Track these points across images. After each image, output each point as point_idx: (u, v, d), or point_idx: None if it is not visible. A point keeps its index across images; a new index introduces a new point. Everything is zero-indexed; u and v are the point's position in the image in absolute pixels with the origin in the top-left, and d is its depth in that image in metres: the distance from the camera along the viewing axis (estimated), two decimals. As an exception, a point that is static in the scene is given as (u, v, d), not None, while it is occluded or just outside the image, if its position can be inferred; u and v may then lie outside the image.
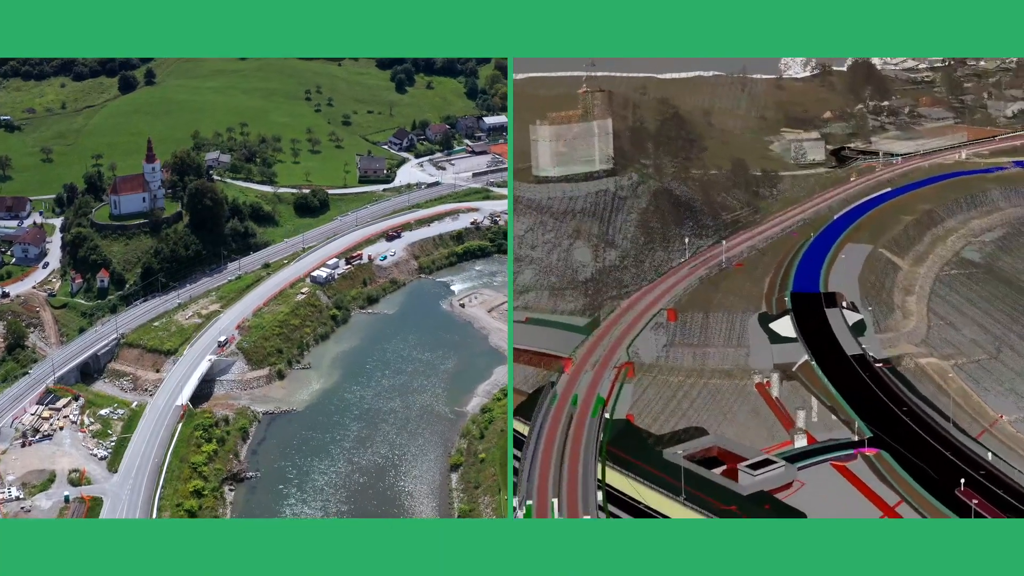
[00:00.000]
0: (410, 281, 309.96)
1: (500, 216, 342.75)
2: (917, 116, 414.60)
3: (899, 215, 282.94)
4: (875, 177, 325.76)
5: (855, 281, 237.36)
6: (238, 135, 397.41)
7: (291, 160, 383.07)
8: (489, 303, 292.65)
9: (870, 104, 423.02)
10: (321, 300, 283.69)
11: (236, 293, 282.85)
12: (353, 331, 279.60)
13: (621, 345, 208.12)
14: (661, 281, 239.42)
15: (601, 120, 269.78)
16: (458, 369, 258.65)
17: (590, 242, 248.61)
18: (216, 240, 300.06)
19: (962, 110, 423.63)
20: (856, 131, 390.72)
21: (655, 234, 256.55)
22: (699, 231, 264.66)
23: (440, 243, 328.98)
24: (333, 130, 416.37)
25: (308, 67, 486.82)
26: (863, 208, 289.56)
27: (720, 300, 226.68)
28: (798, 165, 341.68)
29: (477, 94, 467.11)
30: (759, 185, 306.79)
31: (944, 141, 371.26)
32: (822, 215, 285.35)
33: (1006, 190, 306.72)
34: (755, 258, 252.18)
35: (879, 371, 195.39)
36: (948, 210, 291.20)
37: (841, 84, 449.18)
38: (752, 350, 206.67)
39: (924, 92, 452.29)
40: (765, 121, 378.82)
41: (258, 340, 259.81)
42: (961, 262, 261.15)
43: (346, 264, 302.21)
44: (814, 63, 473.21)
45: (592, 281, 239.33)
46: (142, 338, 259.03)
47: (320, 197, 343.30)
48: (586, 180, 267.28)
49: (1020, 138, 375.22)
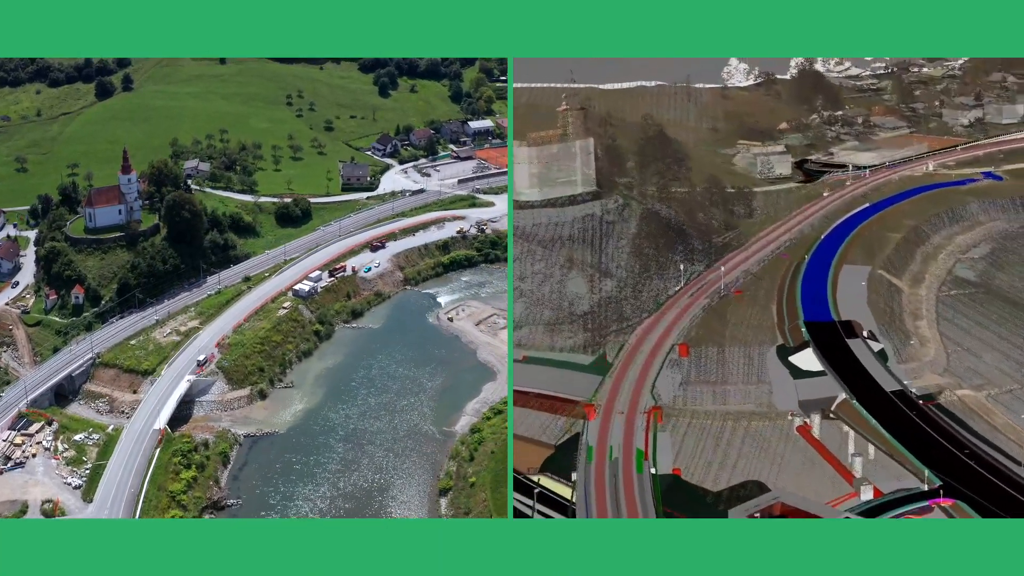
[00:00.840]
0: (395, 293, 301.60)
1: (487, 224, 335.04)
2: (871, 126, 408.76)
3: (885, 232, 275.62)
4: (848, 192, 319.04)
5: (865, 306, 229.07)
6: (217, 142, 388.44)
7: (272, 168, 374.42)
8: (477, 315, 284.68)
9: (824, 114, 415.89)
10: (304, 315, 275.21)
11: (216, 308, 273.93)
12: (337, 347, 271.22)
13: (643, 387, 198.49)
14: (663, 313, 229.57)
15: (583, 140, 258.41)
16: (446, 386, 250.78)
17: (584, 272, 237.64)
18: (195, 253, 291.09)
19: (915, 119, 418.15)
20: (814, 142, 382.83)
21: (650, 261, 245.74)
22: (689, 255, 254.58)
23: (426, 253, 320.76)
24: (315, 136, 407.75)
25: (289, 71, 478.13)
26: (848, 226, 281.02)
27: (732, 332, 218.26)
28: (766, 180, 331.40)
29: (461, 98, 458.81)
30: (734, 203, 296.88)
31: (906, 152, 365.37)
32: (807, 234, 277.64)
33: (983, 203, 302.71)
34: (752, 283, 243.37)
35: (924, 408, 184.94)
36: (932, 226, 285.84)
37: (787, 93, 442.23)
38: (775, 386, 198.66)
39: (875, 101, 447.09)
40: (718, 133, 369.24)
41: (238, 358, 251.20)
42: (957, 281, 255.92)
43: (329, 276, 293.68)
44: (757, 71, 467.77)
45: (590, 314, 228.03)
46: (118, 357, 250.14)
47: (302, 206, 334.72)
48: (571, 204, 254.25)
49: (982, 147, 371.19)
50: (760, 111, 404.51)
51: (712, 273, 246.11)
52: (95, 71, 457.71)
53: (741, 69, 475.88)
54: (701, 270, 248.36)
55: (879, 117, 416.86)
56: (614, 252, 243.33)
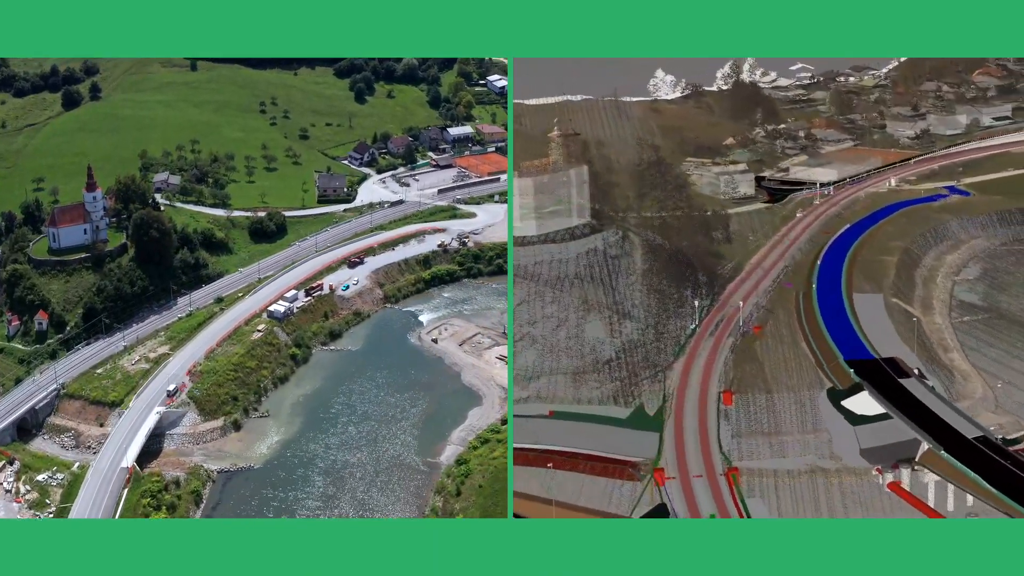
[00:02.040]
0: (375, 312, 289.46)
1: (468, 237, 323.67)
2: (814, 139, 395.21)
3: (880, 256, 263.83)
4: (822, 211, 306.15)
5: (897, 339, 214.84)
6: (188, 153, 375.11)
7: (245, 179, 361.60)
8: (460, 335, 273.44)
9: (767, 128, 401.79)
10: (279, 338, 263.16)
11: (187, 333, 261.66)
12: (315, 371, 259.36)
13: (710, 444, 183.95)
14: (692, 356, 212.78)
15: (577, 167, 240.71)
16: (429, 412, 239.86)
17: (602, 314, 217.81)
18: (164, 274, 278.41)
19: (857, 131, 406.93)
20: (763, 158, 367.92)
21: (667, 298, 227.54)
22: (697, 289, 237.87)
23: (406, 268, 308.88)
24: (290, 145, 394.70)
25: (262, 77, 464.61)
26: (838, 249, 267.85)
27: (772, 375, 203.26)
28: (731, 200, 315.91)
29: (440, 103, 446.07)
30: (712, 227, 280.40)
31: (860, 167, 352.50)
32: (799, 259, 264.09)
33: (961, 220, 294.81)
34: (765, 317, 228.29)
35: (1016, 455, 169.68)
36: (920, 246, 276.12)
37: (720, 106, 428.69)
38: (834, 434, 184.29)
39: (810, 113, 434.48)
40: (660, 151, 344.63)
41: (211, 387, 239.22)
42: (964, 306, 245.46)
43: (306, 296, 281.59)
44: (684, 83, 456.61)
45: (615, 361, 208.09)
46: (84, 388, 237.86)
47: (277, 221, 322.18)
48: (572, 239, 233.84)
49: (935, 160, 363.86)
50: (698, 125, 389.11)
51: (723, 308, 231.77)
52: (62, 80, 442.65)
53: (668, 81, 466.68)
54: (709, 304, 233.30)
55: (820, 130, 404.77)
56: (626, 290, 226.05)
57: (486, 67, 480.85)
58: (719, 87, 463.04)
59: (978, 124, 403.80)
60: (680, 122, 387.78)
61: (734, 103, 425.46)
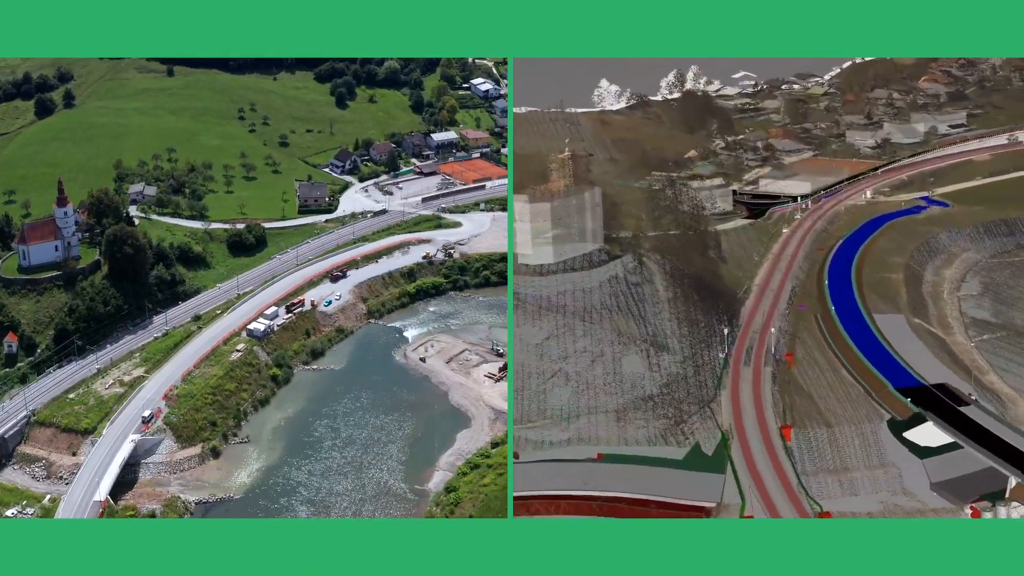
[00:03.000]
0: (358, 328, 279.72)
1: (454, 248, 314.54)
2: (773, 150, 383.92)
3: (882, 272, 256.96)
4: (808, 226, 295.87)
5: (937, 363, 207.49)
6: (165, 162, 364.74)
7: (224, 189, 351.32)
8: (447, 352, 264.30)
9: (727, 139, 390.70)
10: (259, 357, 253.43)
11: (163, 353, 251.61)
12: (296, 392, 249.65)
13: (792, 488, 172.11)
14: (735, 388, 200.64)
15: (589, 190, 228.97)
16: (416, 436, 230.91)
17: (638, 347, 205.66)
18: (139, 291, 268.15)
19: (815, 141, 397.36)
20: (727, 171, 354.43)
21: (697, 327, 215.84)
22: (720, 315, 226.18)
23: (390, 282, 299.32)
24: (269, 153, 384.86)
25: (240, 82, 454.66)
26: (840, 267, 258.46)
27: (824, 407, 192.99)
28: (714, 216, 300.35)
29: (423, 108, 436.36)
30: (708, 246, 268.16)
31: (828, 178, 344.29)
32: (803, 279, 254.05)
33: (950, 233, 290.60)
34: (793, 343, 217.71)
35: None
36: (918, 262, 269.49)
37: (669, 117, 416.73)
38: (903, 469, 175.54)
39: (766, 123, 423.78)
40: (619, 164, 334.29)
41: (188, 412, 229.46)
42: (978, 324, 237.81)
43: (286, 313, 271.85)
44: (628, 93, 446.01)
45: (659, 398, 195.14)
46: (56, 415, 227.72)
47: (256, 233, 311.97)
48: (592, 267, 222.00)
49: (903, 170, 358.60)
50: (653, 138, 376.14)
51: (747, 334, 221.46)
52: (35, 87, 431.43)
53: (612, 91, 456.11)
54: (732, 331, 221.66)
55: (777, 140, 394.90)
56: (656, 320, 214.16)
57: (469, 70, 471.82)
58: (664, 96, 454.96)
59: (935, 132, 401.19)
60: (633, 134, 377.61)
61: (686, 114, 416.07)
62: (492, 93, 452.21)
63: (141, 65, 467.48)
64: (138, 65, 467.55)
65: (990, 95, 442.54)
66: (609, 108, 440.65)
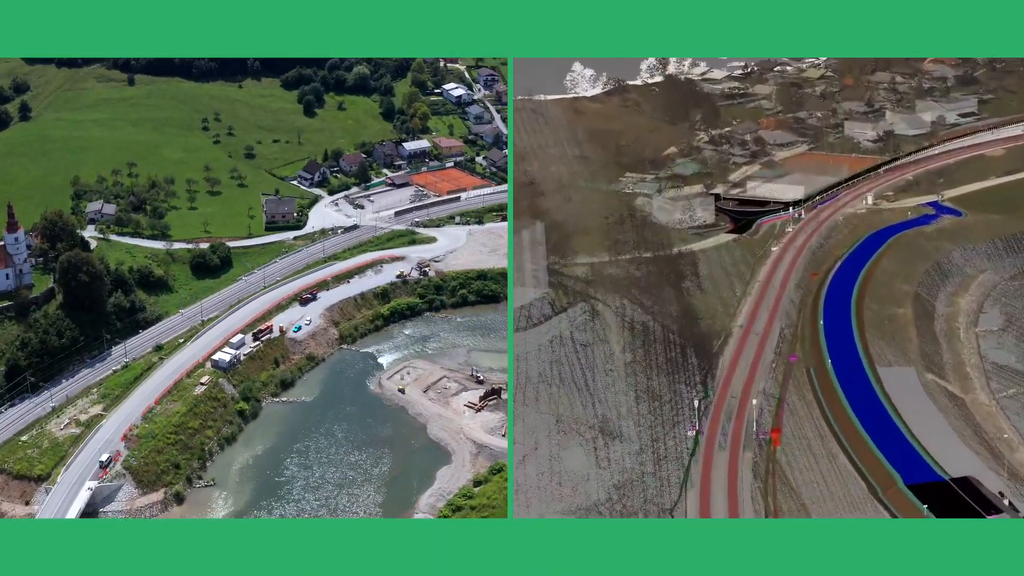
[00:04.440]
0: (330, 355, 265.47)
1: (428, 265, 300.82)
2: (764, 144, 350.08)
3: (889, 308, 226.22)
4: (800, 242, 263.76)
5: (957, 441, 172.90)
6: (125, 178, 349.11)
7: (187, 206, 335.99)
8: (424, 379, 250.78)
9: (711, 132, 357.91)
10: (225, 391, 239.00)
11: (122, 388, 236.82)
12: (265, 427, 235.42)
13: None
14: (706, 487, 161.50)
15: (528, 224, 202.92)
16: (394, 474, 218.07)
17: (583, 437, 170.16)
18: (96, 321, 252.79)
19: (809, 132, 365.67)
20: (711, 170, 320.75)
21: (660, 401, 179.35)
22: (690, 378, 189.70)
23: (363, 303, 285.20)
24: (235, 165, 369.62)
25: (204, 91, 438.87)
26: (838, 300, 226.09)
27: (821, 514, 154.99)
28: (691, 230, 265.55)
29: (394, 115, 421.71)
30: (682, 272, 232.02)
31: (825, 178, 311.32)
32: (793, 316, 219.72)
33: (963, 249, 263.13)
34: (778, 413, 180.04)
35: None
36: (929, 289, 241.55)
37: (649, 104, 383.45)
38: None
39: (757, 112, 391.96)
40: (589, 163, 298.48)
41: (149, 454, 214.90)
42: (1002, 373, 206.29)
43: (254, 340, 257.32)
44: (605, 78, 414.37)
45: (609, 505, 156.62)
46: (7, 460, 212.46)
47: (221, 253, 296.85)
48: (530, 326, 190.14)
49: (908, 168, 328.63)
50: (630, 130, 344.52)
51: (724, 399, 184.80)
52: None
53: (587, 76, 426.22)
54: (706, 399, 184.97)
55: (769, 131, 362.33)
56: (607, 394, 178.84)
57: (441, 75, 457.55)
58: (644, 81, 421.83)
59: (943, 122, 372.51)
60: (608, 124, 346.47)
61: (668, 102, 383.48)
62: (465, 98, 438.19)
63: (100, 74, 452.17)
64: (97, 74, 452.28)
65: (1002, 78, 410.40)
66: (583, 94, 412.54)
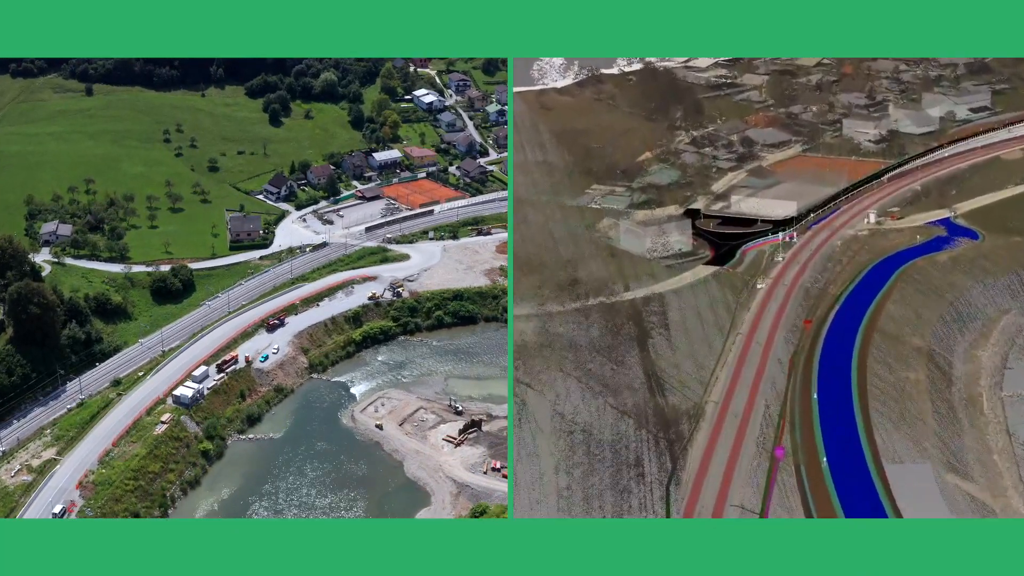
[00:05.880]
0: (299, 385, 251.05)
1: (402, 285, 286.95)
2: (752, 144, 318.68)
3: (897, 371, 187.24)
4: (789, 279, 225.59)
5: None
6: (82, 195, 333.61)
7: (147, 225, 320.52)
8: (400, 412, 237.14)
9: (692, 133, 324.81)
10: (188, 429, 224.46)
11: (77, 429, 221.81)
12: (231, 468, 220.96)
13: None
14: None
15: None
16: (369, 517, 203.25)
17: None
18: (49, 356, 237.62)
19: (803, 129, 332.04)
20: (691, 178, 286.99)
21: None
22: (643, 498, 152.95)
23: (333, 328, 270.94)
24: (198, 180, 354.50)
25: (166, 100, 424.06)
26: (835, 363, 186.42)
27: None
28: (663, 261, 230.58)
29: (363, 123, 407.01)
30: (645, 327, 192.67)
31: (824, 188, 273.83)
32: (779, 384, 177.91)
33: (982, 284, 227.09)
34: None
35: None
36: (944, 342, 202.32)
37: (625, 98, 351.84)
38: None
39: (745, 106, 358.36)
40: (553, 171, 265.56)
41: (106, 503, 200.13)
42: None
43: (218, 372, 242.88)
44: (577, 67, 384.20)
45: None
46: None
47: (183, 277, 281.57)
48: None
49: (914, 176, 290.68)
50: (602, 130, 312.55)
51: None
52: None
53: (556, 65, 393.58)
54: None
55: (758, 129, 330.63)
56: None
57: (411, 81, 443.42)
58: (621, 69, 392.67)
59: (953, 118, 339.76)
60: (578, 122, 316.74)
61: (646, 95, 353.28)
62: (436, 105, 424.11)
63: (57, 84, 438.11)
64: (54, 84, 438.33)
65: (1017, 64, 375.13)
66: (552, 85, 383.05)
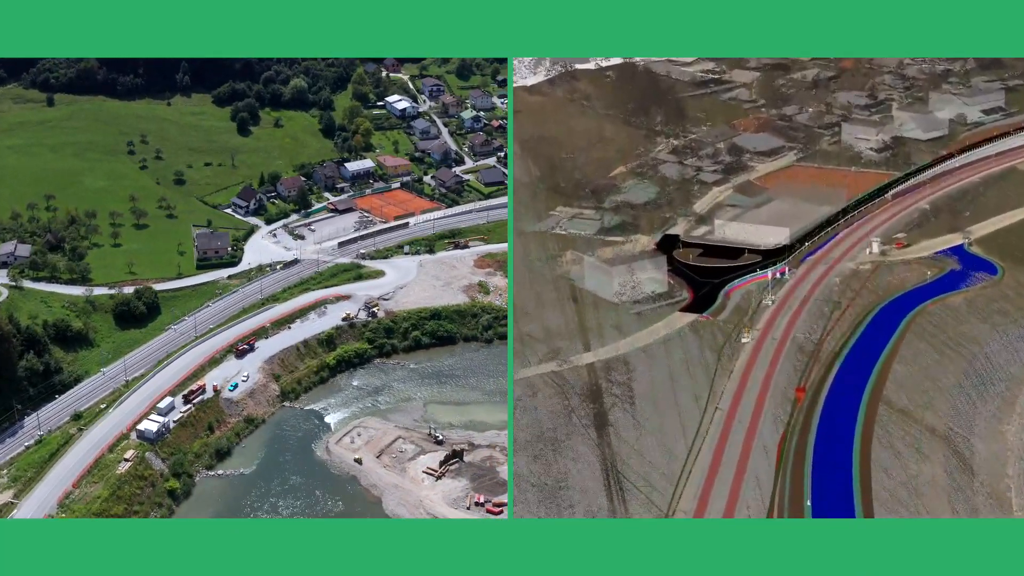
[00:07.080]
0: (270, 415, 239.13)
1: (377, 304, 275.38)
2: (740, 153, 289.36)
3: (908, 464, 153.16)
4: (780, 333, 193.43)
5: None
6: (42, 212, 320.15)
7: (110, 243, 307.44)
8: (377, 442, 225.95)
9: (673, 142, 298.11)
10: (153, 467, 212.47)
11: (35, 468, 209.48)
12: (199, 508, 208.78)
13: None
14: None
15: None
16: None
17: None
18: (5, 389, 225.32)
19: (799, 135, 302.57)
20: (671, 196, 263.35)
21: None
22: None
23: (306, 352, 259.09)
24: (163, 194, 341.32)
25: (130, 110, 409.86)
26: (833, 454, 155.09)
27: None
28: (633, 313, 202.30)
29: (335, 131, 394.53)
30: (606, 414, 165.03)
31: (814, 207, 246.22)
32: (765, 486, 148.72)
33: (1003, 334, 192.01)
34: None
35: None
36: (961, 417, 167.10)
37: (600, 98, 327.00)
38: None
39: (733, 107, 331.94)
40: (517, 188, 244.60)
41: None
42: None
43: (184, 404, 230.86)
44: (548, 63, 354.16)
45: None
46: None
47: (147, 299, 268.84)
48: None
49: (921, 192, 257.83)
50: (574, 137, 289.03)
51: None
52: None
53: (527, 61, 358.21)
54: None
55: (747, 136, 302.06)
56: None
57: (384, 86, 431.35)
58: (598, 64, 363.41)
59: (964, 120, 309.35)
60: (547, 128, 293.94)
61: (625, 94, 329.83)
62: (410, 112, 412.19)
63: (17, 94, 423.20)
64: (14, 94, 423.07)
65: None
66: (521, 82, 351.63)
